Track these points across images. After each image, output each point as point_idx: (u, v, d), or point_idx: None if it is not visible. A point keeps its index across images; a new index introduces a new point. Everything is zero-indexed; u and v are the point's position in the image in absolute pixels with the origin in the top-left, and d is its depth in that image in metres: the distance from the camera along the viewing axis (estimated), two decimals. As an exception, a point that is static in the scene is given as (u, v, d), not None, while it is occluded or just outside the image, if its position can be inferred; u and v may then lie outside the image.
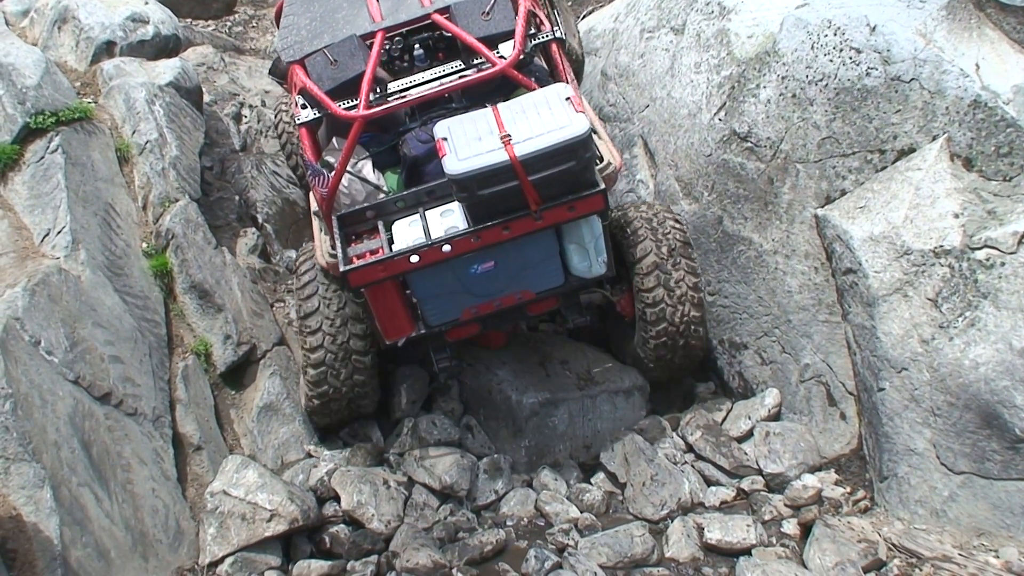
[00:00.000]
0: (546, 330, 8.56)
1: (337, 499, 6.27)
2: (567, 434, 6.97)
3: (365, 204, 6.27)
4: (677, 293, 6.53)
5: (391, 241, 6.02)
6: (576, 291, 6.55)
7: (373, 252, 5.97)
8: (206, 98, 8.84)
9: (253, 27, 11.60)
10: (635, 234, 6.64)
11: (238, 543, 5.78)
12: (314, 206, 6.85)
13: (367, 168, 6.54)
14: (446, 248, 5.77)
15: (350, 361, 6.41)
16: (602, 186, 5.79)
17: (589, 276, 6.28)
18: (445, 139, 5.62)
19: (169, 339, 6.61)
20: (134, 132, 7.34)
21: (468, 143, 5.55)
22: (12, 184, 6.44)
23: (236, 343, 6.85)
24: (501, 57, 5.97)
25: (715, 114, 6.90)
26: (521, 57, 6.01)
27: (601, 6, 10.44)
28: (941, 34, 5.84)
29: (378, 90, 6.11)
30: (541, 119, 5.55)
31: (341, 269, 5.83)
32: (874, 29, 5.97)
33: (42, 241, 6.21)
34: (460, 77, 6.09)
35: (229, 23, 11.58)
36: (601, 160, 6.12)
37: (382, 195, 6.39)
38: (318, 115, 6.23)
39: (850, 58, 6.05)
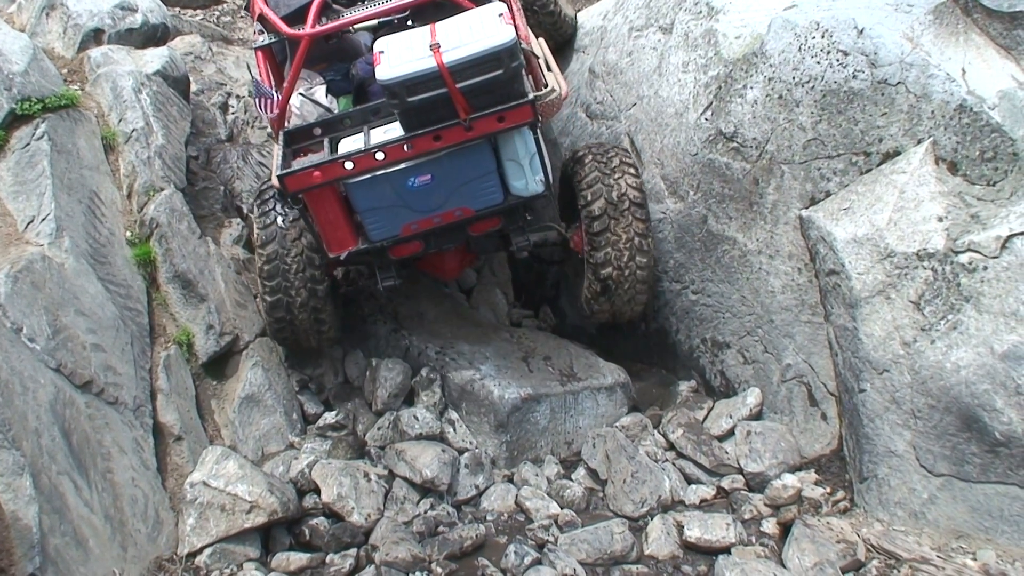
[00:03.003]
0: (529, 326, 8.58)
1: (317, 491, 6.27)
2: (549, 430, 6.97)
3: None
4: (624, 235, 6.70)
5: None
6: (518, 209, 6.57)
7: None
8: (193, 87, 8.81)
9: (241, 17, 11.53)
10: (585, 168, 6.83)
11: (217, 534, 5.79)
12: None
13: (320, 92, 6.82)
14: (379, 156, 5.88)
15: (304, 272, 6.57)
16: (531, 96, 5.86)
17: (527, 194, 6.32)
18: (382, 52, 5.74)
19: (151, 328, 6.58)
20: (120, 120, 7.30)
21: (401, 53, 5.68)
22: (-4, 170, 6.41)
23: (219, 333, 6.84)
24: None
25: (702, 114, 6.91)
26: None
27: None
28: (928, 38, 5.86)
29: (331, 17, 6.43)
30: (472, 31, 5.67)
31: (277, 174, 5.95)
32: (862, 32, 5.99)
33: (26, 228, 6.17)
34: None
35: (217, 12, 11.52)
36: (546, 86, 6.35)
37: None
38: (273, 39, 6.61)
39: (837, 60, 6.07)
